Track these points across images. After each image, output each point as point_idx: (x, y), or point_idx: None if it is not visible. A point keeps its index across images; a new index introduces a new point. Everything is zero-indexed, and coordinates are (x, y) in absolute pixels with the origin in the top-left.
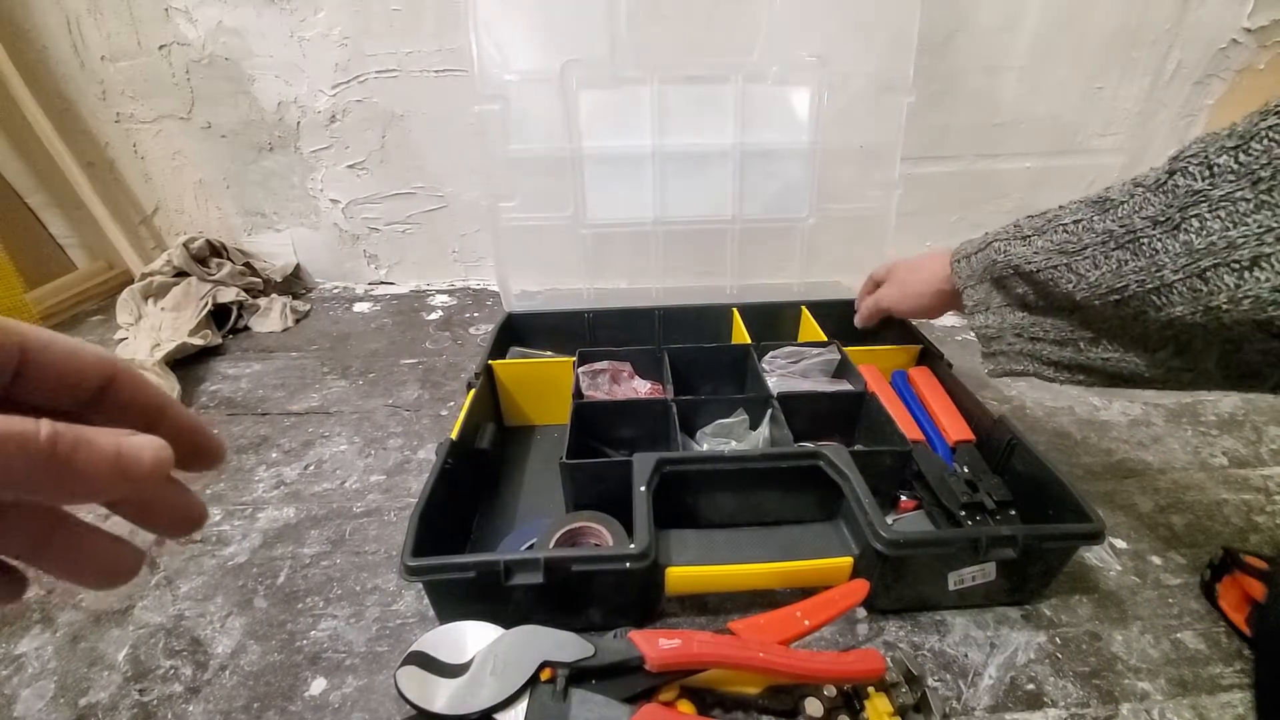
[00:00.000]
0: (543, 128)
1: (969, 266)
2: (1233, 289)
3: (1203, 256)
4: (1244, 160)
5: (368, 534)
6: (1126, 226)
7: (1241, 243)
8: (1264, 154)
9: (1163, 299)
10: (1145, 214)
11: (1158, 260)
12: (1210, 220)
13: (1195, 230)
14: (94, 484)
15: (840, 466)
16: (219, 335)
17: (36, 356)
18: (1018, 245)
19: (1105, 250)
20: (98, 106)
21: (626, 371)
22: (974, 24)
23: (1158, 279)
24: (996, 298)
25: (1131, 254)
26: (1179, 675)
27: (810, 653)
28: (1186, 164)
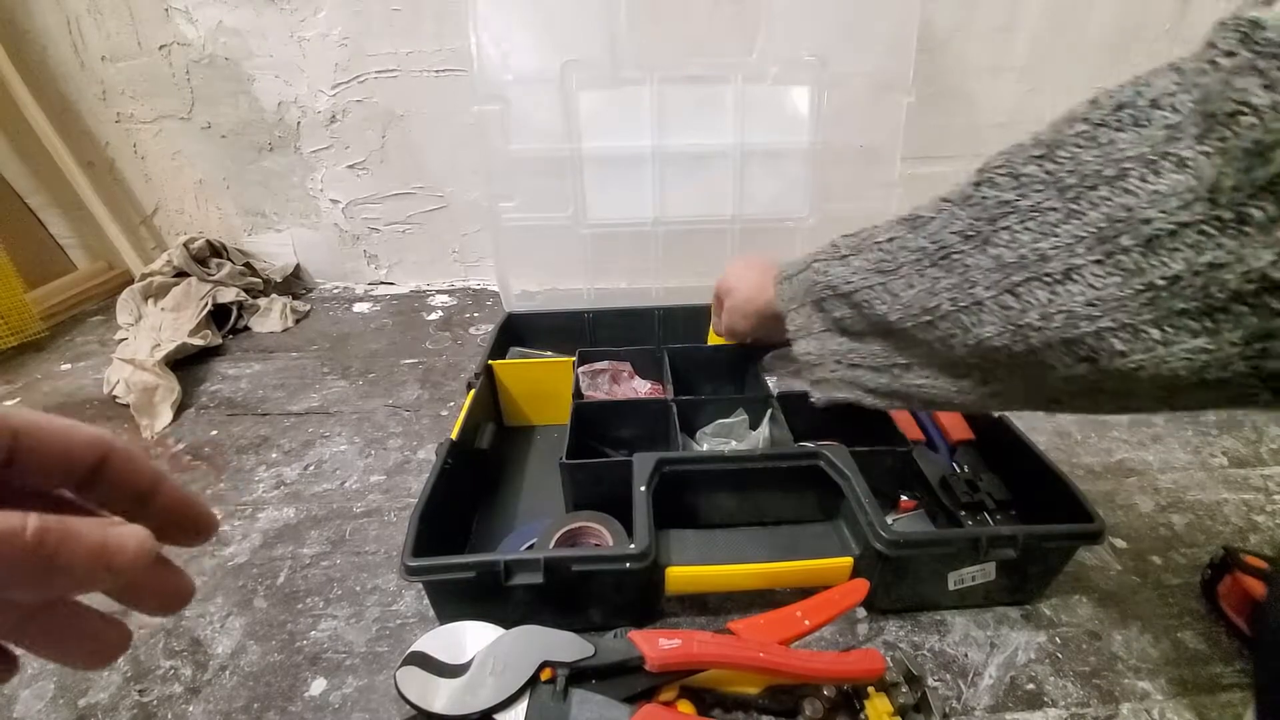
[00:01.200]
0: (543, 128)
1: (791, 288)
2: (1044, 303)
3: (1014, 270)
4: (1051, 169)
5: (368, 534)
6: (938, 243)
7: (1053, 254)
8: (1070, 161)
9: (973, 318)
10: (954, 229)
11: (969, 276)
12: (1020, 232)
13: (1005, 243)
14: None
15: (840, 466)
16: (219, 335)
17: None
18: (836, 265)
19: (919, 269)
20: (98, 106)
21: (626, 371)
22: (974, 24)
23: (969, 296)
24: (817, 322)
25: (944, 271)
26: (1179, 675)
27: (810, 653)
28: (992, 175)
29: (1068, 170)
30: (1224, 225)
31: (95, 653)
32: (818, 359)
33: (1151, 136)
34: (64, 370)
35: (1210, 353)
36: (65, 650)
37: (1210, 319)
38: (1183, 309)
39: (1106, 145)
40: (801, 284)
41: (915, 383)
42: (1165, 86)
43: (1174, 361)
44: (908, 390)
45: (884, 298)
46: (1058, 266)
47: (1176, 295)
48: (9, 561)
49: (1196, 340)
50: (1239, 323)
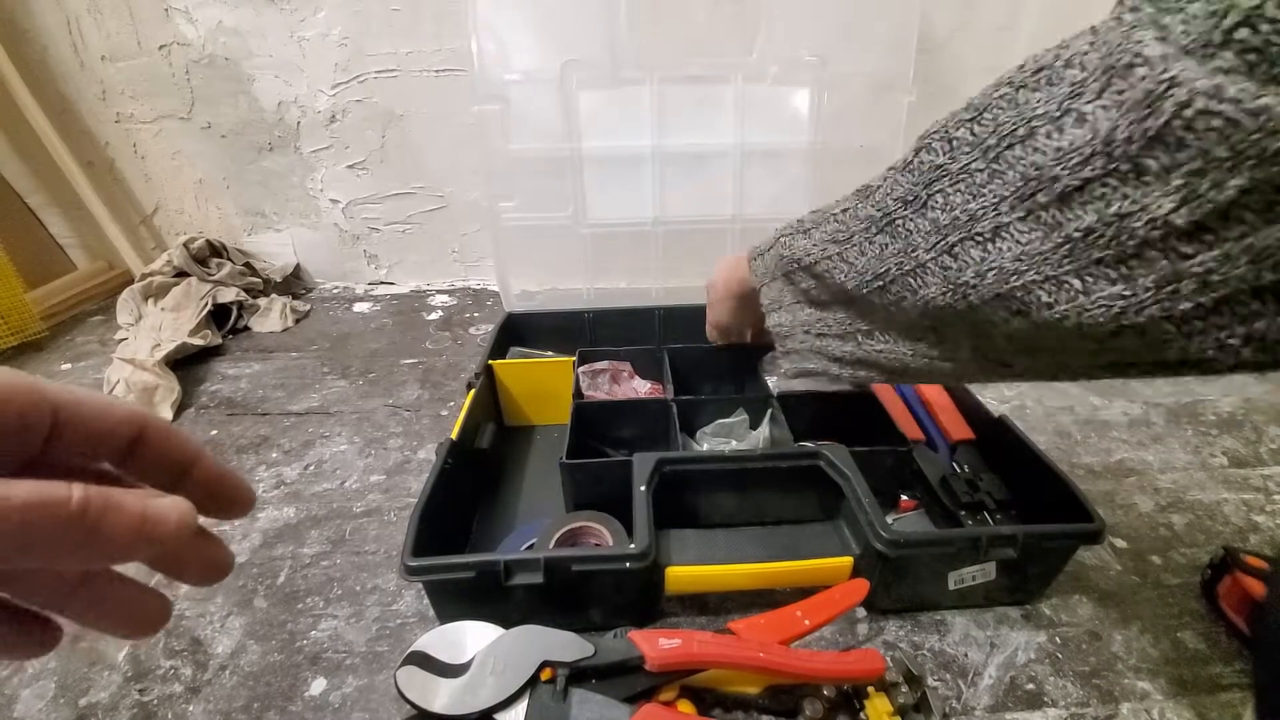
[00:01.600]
0: (542, 128)
1: (763, 264)
2: (978, 262)
3: (950, 232)
4: (978, 131)
5: (368, 534)
6: (883, 210)
7: (981, 214)
8: (992, 123)
9: (918, 280)
10: (896, 195)
11: (911, 241)
12: (952, 194)
13: (940, 206)
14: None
15: (840, 466)
16: (219, 335)
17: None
18: (800, 239)
19: (869, 236)
20: (98, 106)
21: (626, 371)
22: (974, 24)
23: (913, 259)
24: (787, 295)
25: (890, 237)
26: (1179, 675)
27: (810, 652)
28: (929, 140)
29: (990, 131)
30: (1124, 177)
31: (138, 622)
32: (789, 330)
33: (1058, 94)
34: (64, 370)
35: (1126, 298)
36: (108, 619)
37: (1125, 266)
38: (1099, 258)
39: (1022, 105)
40: (771, 259)
41: (877, 348)
42: (1079, 46)
43: (1094, 309)
44: (870, 357)
45: (840, 266)
46: (987, 226)
47: (1092, 246)
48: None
49: (1114, 287)
50: (1150, 268)
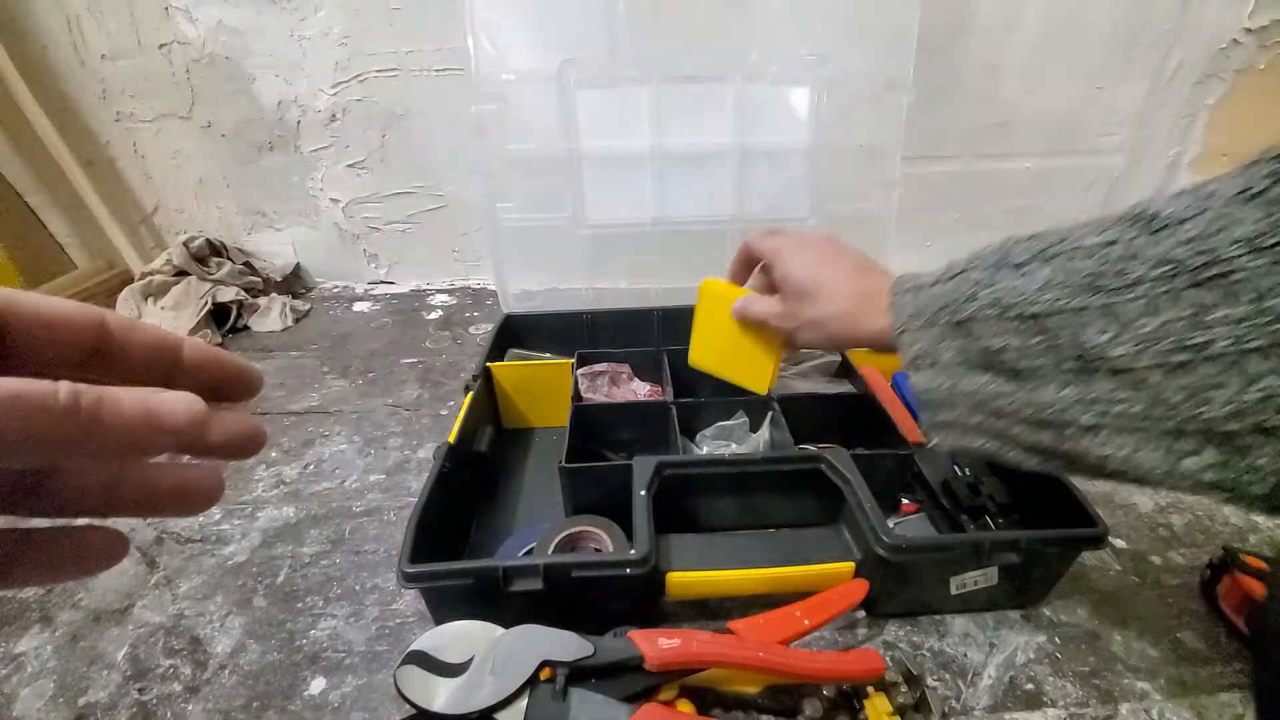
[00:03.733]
0: (541, 128)
1: (915, 301)
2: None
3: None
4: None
5: (367, 533)
6: (1204, 253)
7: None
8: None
9: (1271, 364)
10: (1236, 235)
11: (1268, 306)
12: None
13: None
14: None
15: (841, 470)
16: (219, 334)
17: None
18: (1009, 275)
19: (1170, 289)
20: (98, 105)
21: (626, 373)
22: (974, 24)
23: (1269, 334)
24: (949, 351)
25: (1222, 295)
26: (1178, 675)
27: (810, 652)
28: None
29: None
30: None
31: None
32: (945, 397)
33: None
34: None
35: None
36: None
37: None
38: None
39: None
40: (937, 298)
41: (1101, 452)
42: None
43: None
44: (1082, 455)
45: (1103, 325)
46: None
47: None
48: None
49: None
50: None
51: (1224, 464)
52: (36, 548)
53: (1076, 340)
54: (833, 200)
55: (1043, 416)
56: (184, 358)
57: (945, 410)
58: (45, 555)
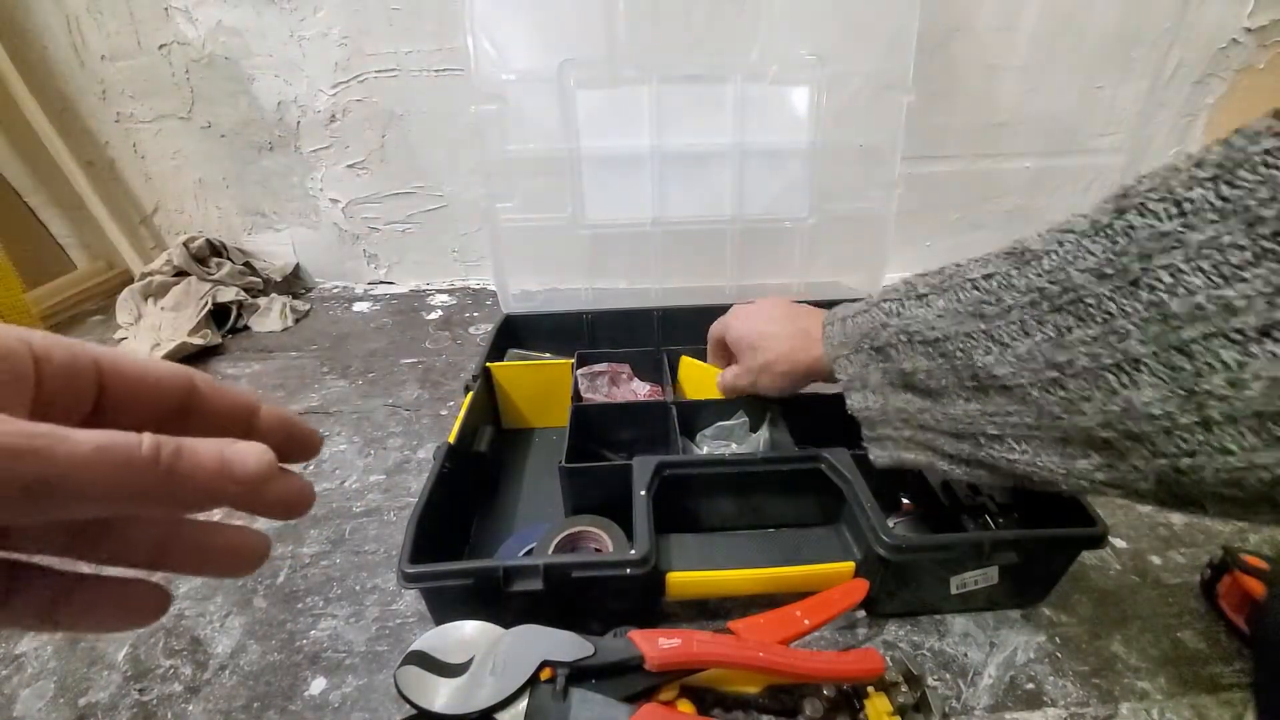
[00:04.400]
0: (541, 128)
1: (842, 331)
2: (1234, 367)
3: (1185, 324)
4: (1230, 194)
5: (367, 533)
6: (1061, 283)
7: (1242, 305)
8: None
9: (1122, 379)
10: (1083, 265)
11: (1116, 326)
12: (1189, 275)
13: (1165, 288)
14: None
15: (841, 470)
16: (219, 335)
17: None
18: (914, 306)
19: (1037, 314)
20: (98, 106)
21: (625, 373)
22: (973, 24)
23: (1118, 351)
24: (875, 374)
25: (1074, 319)
26: (1179, 675)
27: (810, 652)
28: (1142, 200)
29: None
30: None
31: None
32: (879, 415)
33: None
34: None
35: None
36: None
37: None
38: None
39: None
40: (858, 327)
41: (1009, 457)
42: None
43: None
44: (994, 463)
45: (987, 346)
46: (1252, 321)
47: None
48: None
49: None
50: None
51: (1109, 465)
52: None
53: (969, 361)
54: (832, 200)
55: (958, 429)
56: (259, 417)
57: (881, 426)
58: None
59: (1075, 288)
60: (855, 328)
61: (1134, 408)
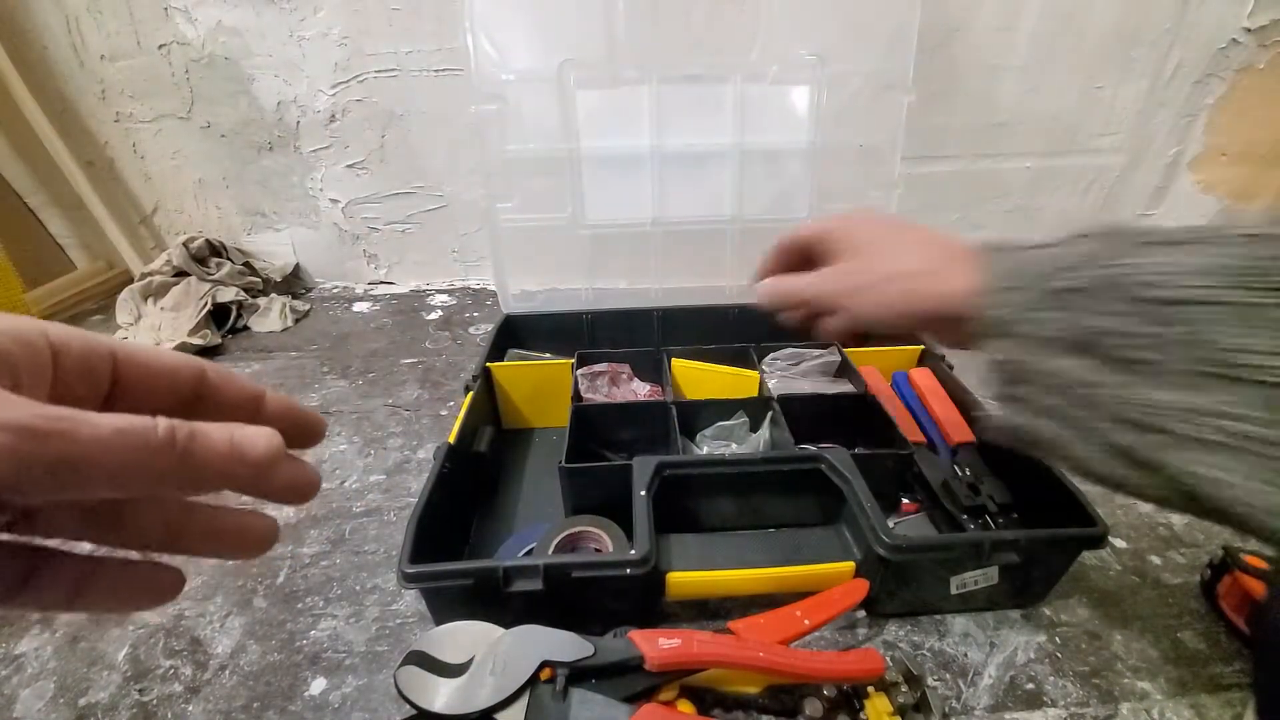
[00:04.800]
0: (541, 128)
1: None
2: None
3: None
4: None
5: (367, 534)
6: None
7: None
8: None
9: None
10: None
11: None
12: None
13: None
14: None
15: (841, 469)
16: (218, 335)
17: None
18: (1133, 252)
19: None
20: (97, 106)
21: (625, 373)
22: (973, 24)
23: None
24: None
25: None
26: (1179, 675)
27: (810, 652)
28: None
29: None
30: None
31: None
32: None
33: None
34: None
35: None
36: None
37: None
38: None
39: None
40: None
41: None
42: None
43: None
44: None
45: (1242, 330)
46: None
47: None
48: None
49: None
50: None
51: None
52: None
53: (1206, 339)
54: (832, 200)
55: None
56: (266, 406)
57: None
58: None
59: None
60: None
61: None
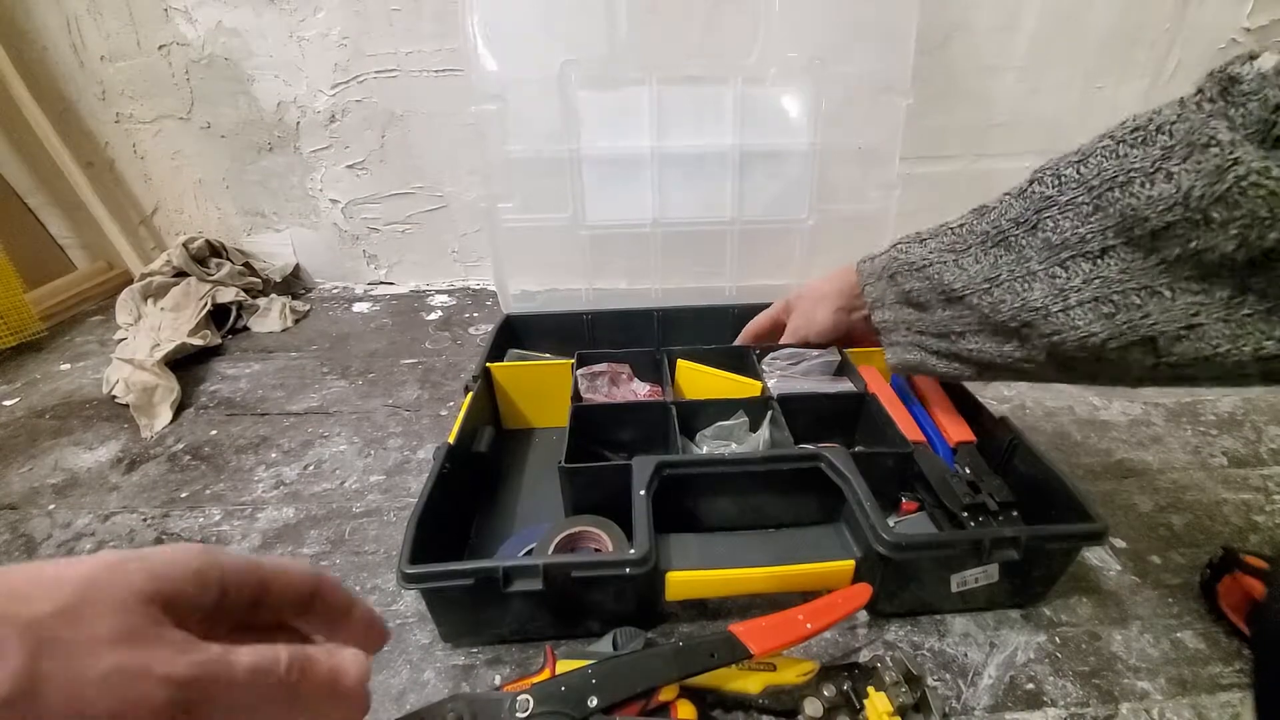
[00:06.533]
0: (541, 128)
1: (871, 266)
2: (1086, 273)
3: (1061, 249)
4: (1083, 172)
5: (367, 534)
6: (997, 228)
7: (1090, 237)
8: (1096, 167)
9: (1024, 286)
10: (1009, 216)
11: (1024, 254)
12: (1061, 220)
13: (1050, 229)
14: (315, 702)
15: (841, 469)
16: (218, 335)
17: (272, 583)
18: (916, 247)
19: (984, 248)
20: (97, 106)
21: (625, 373)
22: (972, 24)
23: (1024, 269)
24: (890, 295)
25: (1003, 250)
26: (1179, 675)
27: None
28: (1042, 175)
29: (1094, 174)
30: (1196, 224)
31: None
32: (892, 325)
33: (1151, 155)
34: (63, 370)
35: (1204, 305)
36: None
37: (1205, 282)
38: (1187, 275)
39: (1122, 158)
40: (882, 262)
41: (968, 347)
42: (1168, 116)
43: (1174, 310)
44: (961, 353)
45: (953, 271)
46: (1095, 246)
47: (1182, 265)
48: (266, 691)
49: (1194, 297)
50: (1224, 283)
51: (1019, 347)
52: None
53: (942, 281)
54: (832, 201)
55: (938, 330)
56: (355, 611)
57: (894, 333)
58: None
59: (1004, 230)
60: (879, 263)
61: (1028, 303)
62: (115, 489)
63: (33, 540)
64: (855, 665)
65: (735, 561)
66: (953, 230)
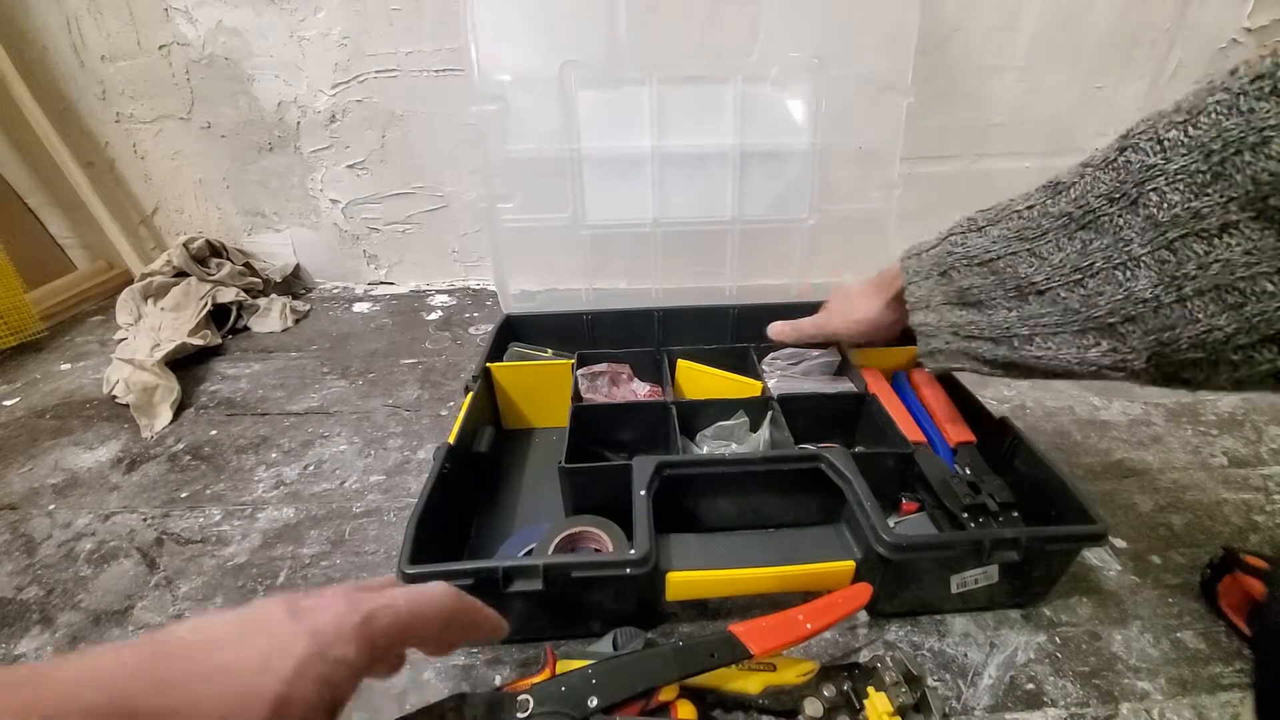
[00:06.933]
0: (541, 128)
1: (919, 263)
2: (1202, 255)
3: (1168, 228)
4: (1193, 134)
5: (367, 534)
6: (1083, 207)
7: (1207, 212)
8: (1213, 127)
9: (1127, 274)
10: (1098, 192)
11: (1123, 236)
12: (1169, 193)
13: (1155, 204)
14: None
15: (841, 469)
16: (219, 335)
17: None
18: (974, 237)
19: (1067, 232)
20: (98, 106)
21: (625, 373)
22: (973, 24)
23: (1124, 253)
24: (937, 295)
25: (1094, 233)
26: (1179, 675)
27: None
28: (1135, 140)
29: (1212, 136)
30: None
31: None
32: (934, 329)
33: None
34: (63, 370)
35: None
36: None
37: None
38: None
39: (1247, 113)
40: (933, 257)
41: (1036, 353)
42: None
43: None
44: (1024, 361)
45: (1030, 262)
46: (1213, 223)
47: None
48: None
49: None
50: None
51: (1114, 349)
52: None
53: (1015, 273)
54: (833, 201)
55: (996, 334)
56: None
57: (935, 339)
58: None
59: (1094, 209)
60: (929, 259)
61: (1134, 294)
62: (115, 489)
63: (33, 540)
64: (855, 665)
65: (735, 562)
66: (1019, 214)
